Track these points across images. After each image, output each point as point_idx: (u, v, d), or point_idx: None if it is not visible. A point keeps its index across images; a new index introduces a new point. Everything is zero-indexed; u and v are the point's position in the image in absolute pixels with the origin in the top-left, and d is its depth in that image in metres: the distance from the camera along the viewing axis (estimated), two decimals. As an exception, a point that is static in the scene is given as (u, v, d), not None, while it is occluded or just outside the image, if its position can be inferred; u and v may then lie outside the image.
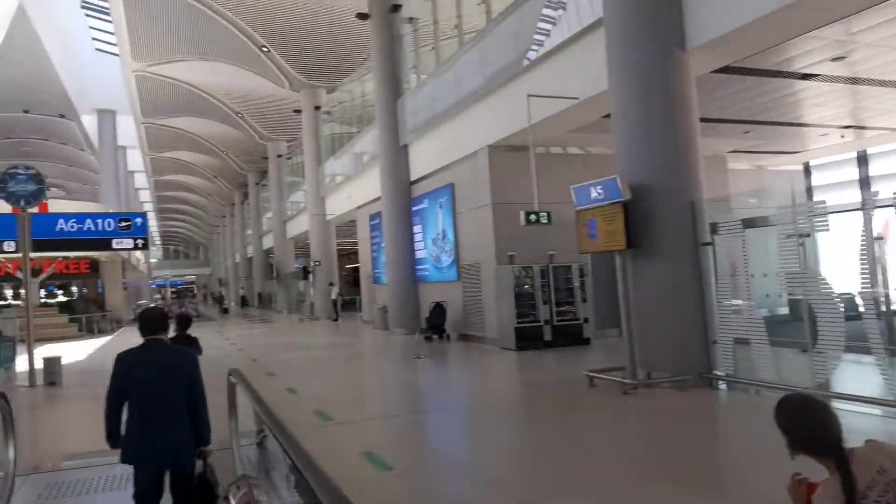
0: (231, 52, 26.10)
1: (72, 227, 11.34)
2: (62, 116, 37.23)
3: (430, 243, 16.65)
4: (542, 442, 6.37)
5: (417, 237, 17.47)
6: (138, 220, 11.89)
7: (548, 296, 12.95)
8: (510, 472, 5.47)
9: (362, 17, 18.78)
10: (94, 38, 36.01)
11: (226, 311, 44.15)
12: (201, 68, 28.54)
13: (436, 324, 15.33)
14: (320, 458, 2.41)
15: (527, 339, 12.72)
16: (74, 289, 34.28)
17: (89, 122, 39.07)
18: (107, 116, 38.55)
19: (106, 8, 30.35)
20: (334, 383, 11.29)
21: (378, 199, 19.27)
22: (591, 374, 8.74)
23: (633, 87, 8.47)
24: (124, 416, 3.63)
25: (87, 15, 34.29)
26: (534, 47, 11.87)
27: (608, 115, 11.86)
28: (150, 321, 3.83)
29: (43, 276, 25.71)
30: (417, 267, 17.58)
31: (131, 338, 19.94)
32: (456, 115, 14.82)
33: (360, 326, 22.66)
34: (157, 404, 3.59)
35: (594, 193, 8.61)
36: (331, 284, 26.53)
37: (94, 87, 37.32)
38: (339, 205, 25.38)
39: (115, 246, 11.71)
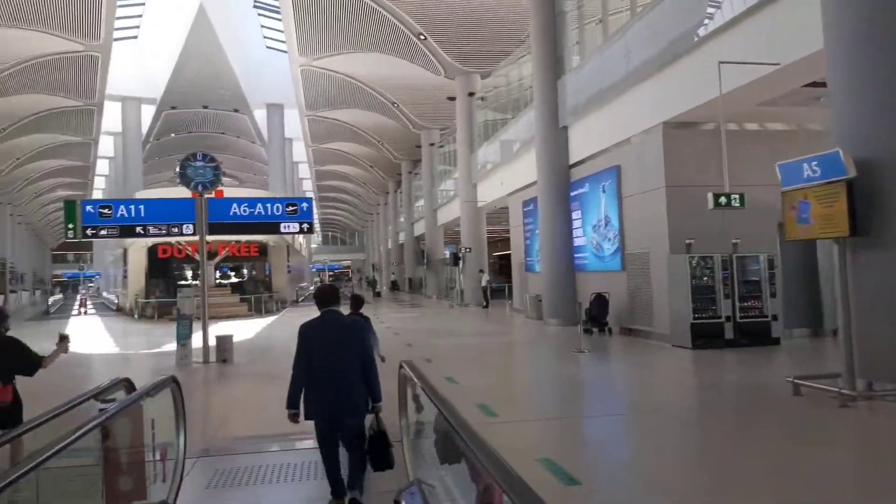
0: (388, 42, 26.49)
1: (244, 210, 11.71)
2: (236, 111, 40.23)
3: (590, 230, 15.63)
4: (753, 462, 5.34)
5: (576, 223, 16.51)
6: (304, 204, 12.06)
7: (730, 289, 11.53)
8: (724, 500, 4.55)
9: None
10: (266, 37, 38.41)
11: (378, 294, 45.50)
12: (360, 60, 29.30)
13: (596, 316, 14.34)
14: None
15: (704, 336, 11.41)
16: (245, 271, 37.01)
17: (260, 116, 41.91)
18: (275, 110, 41.10)
19: (276, 7, 32.15)
20: (493, 374, 10.77)
21: (532, 184, 18.52)
22: (798, 380, 7.44)
23: (866, 42, 6.99)
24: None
25: (260, 14, 36.52)
26: (719, 10, 10.49)
27: (812, 84, 10.36)
28: (324, 295, 4.42)
29: (218, 258, 27.75)
30: (575, 255, 16.63)
31: (295, 318, 20.70)
32: (625, 91, 13.67)
33: (511, 315, 22.09)
34: (335, 366, 4.12)
35: (807, 171, 7.26)
36: (481, 271, 26.21)
37: (264, 83, 39.91)
38: (490, 191, 24.93)
39: (282, 229, 11.95)
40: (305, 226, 12.17)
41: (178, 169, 11.65)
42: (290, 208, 12.09)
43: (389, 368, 5.21)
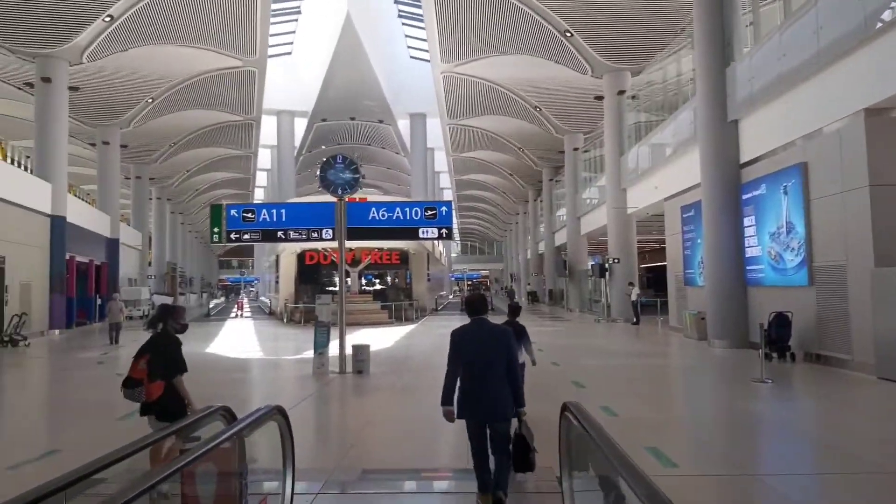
0: (532, 42, 25.50)
1: (382, 215, 11.19)
2: (381, 122, 41.16)
3: (767, 238, 13.56)
4: None
5: (748, 231, 14.46)
6: (443, 208, 11.31)
7: (964, 312, 9.24)
8: None
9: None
10: (409, 47, 38.96)
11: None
12: (502, 64, 28.56)
13: (776, 338, 12.30)
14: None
15: (927, 370, 9.20)
16: (388, 279, 37.52)
17: (403, 126, 42.61)
18: (418, 120, 41.58)
19: (419, 15, 32.37)
20: (657, 406, 9.26)
21: (694, 187, 16.62)
22: None
23: None
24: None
25: (404, 24, 37.05)
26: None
27: None
28: (474, 304, 4.68)
29: (362, 265, 28.15)
30: (748, 267, 14.56)
31: (434, 327, 20.12)
32: (813, 75, 11.63)
33: (666, 333, 20.11)
34: (483, 370, 4.38)
35: None
36: (630, 284, 24.31)
37: (408, 94, 40.54)
38: (642, 197, 23.05)
39: (421, 235, 11.27)
40: (444, 231, 11.41)
41: (318, 172, 11.37)
42: (429, 213, 11.38)
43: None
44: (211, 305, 48.31)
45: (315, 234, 11.31)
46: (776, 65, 12.82)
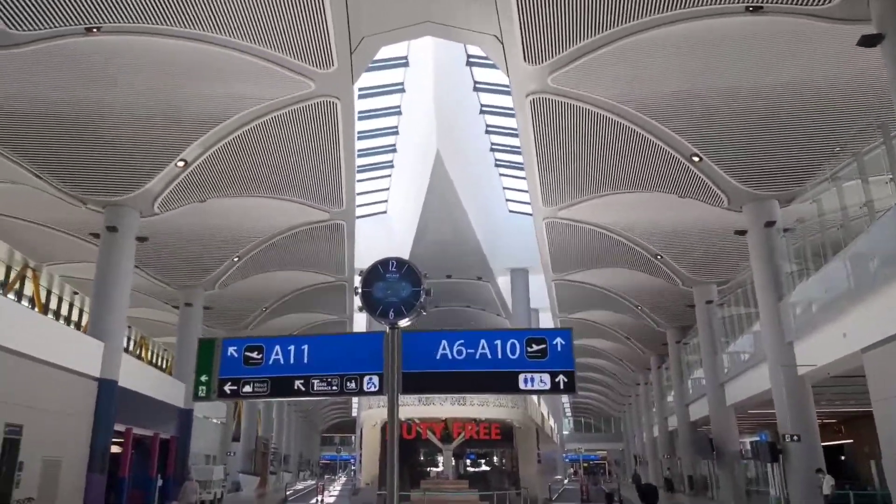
0: (650, 174, 21.80)
1: (458, 352, 6.86)
2: (480, 279, 38.00)
3: None
4: None
5: None
6: (558, 340, 6.87)
7: None
8: None
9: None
10: (508, 199, 36.54)
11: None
12: (614, 205, 24.85)
13: None
14: None
15: None
16: (493, 459, 31.83)
17: (503, 283, 39.20)
18: (519, 276, 38.05)
19: (517, 163, 30.00)
20: None
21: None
22: None
23: None
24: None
25: (501, 174, 34.86)
26: None
27: None
28: (647, 493, 8.65)
29: (455, 442, 23.15)
30: None
31: None
32: None
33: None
34: None
35: None
36: (820, 472, 17.76)
37: (507, 247, 37.54)
38: (820, 350, 17.34)
39: (523, 385, 6.78)
40: (562, 379, 6.84)
41: (358, 289, 7.37)
42: (535, 348, 6.95)
43: None
44: (298, 487, 43.59)
45: (352, 385, 7.02)
46: None
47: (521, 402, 23.09)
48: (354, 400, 57.20)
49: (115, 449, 22.45)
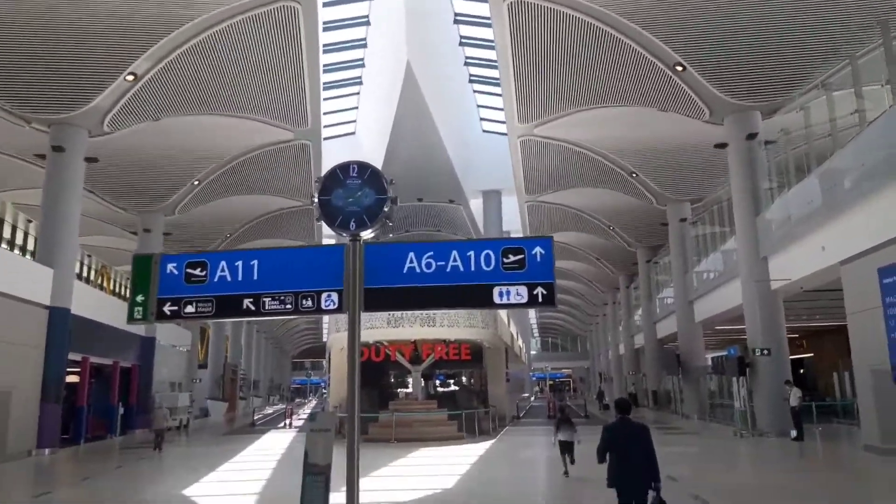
0: (629, 87, 20.87)
1: (427, 265, 6.11)
2: (451, 202, 37.20)
3: None
4: None
5: None
6: (537, 250, 6.17)
7: None
8: None
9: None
10: (482, 119, 35.26)
11: (606, 407, 37.64)
12: (589, 122, 23.93)
13: None
14: None
15: None
16: (462, 379, 31.96)
17: (476, 206, 38.46)
18: (492, 198, 37.31)
19: (493, 78, 28.62)
20: None
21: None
22: None
23: None
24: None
25: (475, 91, 33.40)
26: None
27: None
28: (622, 405, 6.66)
29: (425, 363, 22.91)
30: None
31: (518, 446, 13.60)
32: None
33: (867, 459, 13.64)
34: (628, 455, 6.21)
35: None
36: (788, 384, 17.93)
37: (479, 169, 36.57)
38: (796, 264, 17.15)
39: (498, 298, 6.10)
40: (541, 292, 6.19)
41: (315, 198, 6.51)
42: (511, 258, 6.26)
43: None
44: (268, 412, 43.73)
45: (308, 302, 6.29)
46: None
47: (492, 323, 22.80)
48: (325, 325, 57.06)
49: (73, 378, 21.76)
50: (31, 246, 33.39)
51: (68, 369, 19.80)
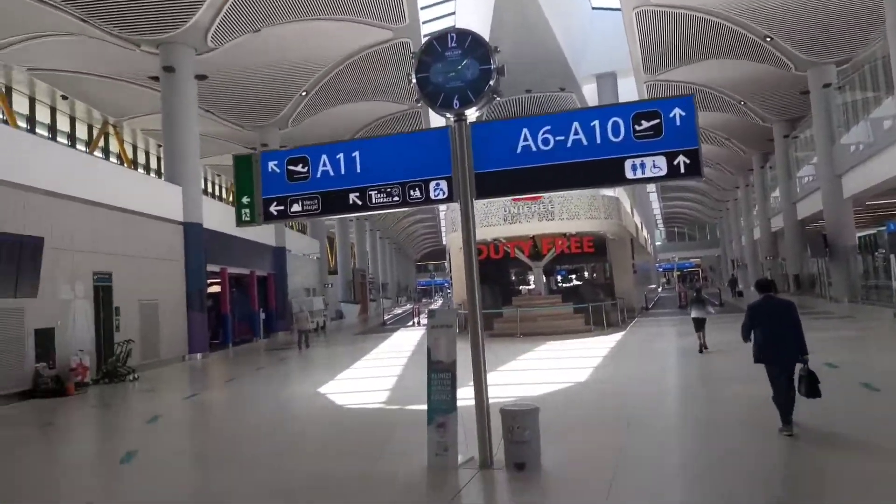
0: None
1: (543, 142, 5.36)
2: (562, 90, 35.15)
3: None
4: None
5: None
6: (676, 111, 5.20)
7: None
8: None
9: None
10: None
11: (740, 294, 35.54)
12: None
13: None
14: None
15: None
16: (584, 274, 31.28)
17: (589, 92, 36.18)
18: (607, 82, 34.80)
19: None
20: None
21: None
22: None
23: None
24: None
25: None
26: None
27: None
28: (763, 284, 6.85)
29: (546, 258, 22.33)
30: None
31: (650, 336, 12.77)
32: None
33: None
34: (775, 330, 6.28)
35: None
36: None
37: (591, 52, 34.07)
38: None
39: (631, 173, 5.31)
40: (683, 160, 5.32)
41: (412, 77, 5.86)
42: (645, 125, 5.39)
43: None
44: (396, 312, 45.60)
45: (416, 193, 5.82)
46: None
47: (615, 213, 21.65)
48: (443, 226, 57.71)
49: (215, 289, 23.32)
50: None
51: (209, 280, 21.15)
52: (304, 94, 27.87)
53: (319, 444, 7.55)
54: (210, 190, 39.84)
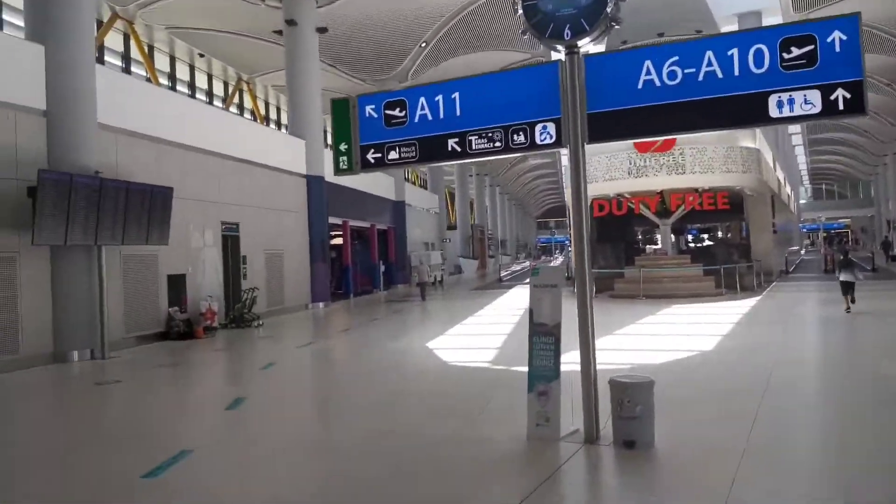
0: None
1: (670, 74, 4.56)
2: (699, 33, 32.29)
3: None
4: None
5: None
6: (835, 36, 4.19)
7: None
8: None
9: None
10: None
11: (894, 259, 31.72)
12: None
13: None
14: None
15: None
16: (714, 234, 29.15)
17: (729, 34, 33.01)
18: (749, 21, 31.51)
19: None
20: None
21: None
22: None
23: None
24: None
25: None
26: None
27: None
28: None
29: (675, 215, 20.83)
30: None
31: (788, 303, 11.31)
32: None
33: None
34: None
35: None
36: None
37: (734, -12, 30.99)
38: None
39: (776, 110, 4.40)
40: (842, 94, 4.36)
41: (518, 5, 5.22)
42: (795, 52, 4.46)
43: None
44: (515, 269, 45.19)
45: (520, 137, 5.25)
46: None
47: (754, 166, 19.69)
48: (564, 181, 56.06)
49: (338, 241, 23.96)
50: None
51: (332, 233, 21.71)
52: (423, 44, 27.49)
53: (419, 400, 7.34)
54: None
